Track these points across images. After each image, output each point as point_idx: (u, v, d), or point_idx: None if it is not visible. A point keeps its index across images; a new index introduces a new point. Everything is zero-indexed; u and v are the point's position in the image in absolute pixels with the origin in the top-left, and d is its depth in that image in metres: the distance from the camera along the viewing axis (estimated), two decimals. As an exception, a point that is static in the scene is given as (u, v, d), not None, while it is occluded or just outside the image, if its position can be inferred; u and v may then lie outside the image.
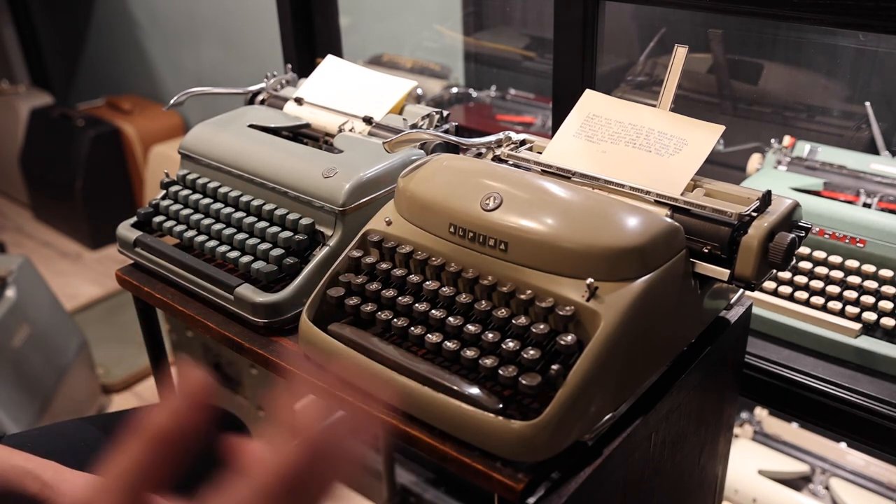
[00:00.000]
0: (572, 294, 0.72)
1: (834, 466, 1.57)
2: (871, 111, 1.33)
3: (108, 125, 2.98)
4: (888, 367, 1.00)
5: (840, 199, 1.20)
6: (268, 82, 1.21)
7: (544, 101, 1.92)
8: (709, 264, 0.79)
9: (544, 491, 0.68)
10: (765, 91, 1.55)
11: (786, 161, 1.30)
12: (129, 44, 3.22)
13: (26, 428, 1.78)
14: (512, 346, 0.71)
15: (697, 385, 0.87)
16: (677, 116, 0.88)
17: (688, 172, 0.83)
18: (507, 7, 2.06)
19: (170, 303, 0.99)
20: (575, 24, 1.13)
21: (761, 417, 1.67)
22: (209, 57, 2.90)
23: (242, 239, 0.97)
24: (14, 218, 3.33)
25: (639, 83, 1.67)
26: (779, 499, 1.52)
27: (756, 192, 0.81)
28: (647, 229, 0.74)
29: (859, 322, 1.03)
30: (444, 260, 0.79)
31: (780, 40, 1.51)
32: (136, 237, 1.04)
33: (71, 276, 2.88)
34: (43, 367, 1.96)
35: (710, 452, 0.99)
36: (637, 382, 0.78)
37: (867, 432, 1.00)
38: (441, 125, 1.06)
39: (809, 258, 1.11)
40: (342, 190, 0.92)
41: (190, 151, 1.09)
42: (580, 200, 0.78)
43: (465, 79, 2.08)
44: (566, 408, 0.67)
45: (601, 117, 0.91)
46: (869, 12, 0.89)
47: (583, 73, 1.16)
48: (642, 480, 0.82)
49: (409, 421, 0.74)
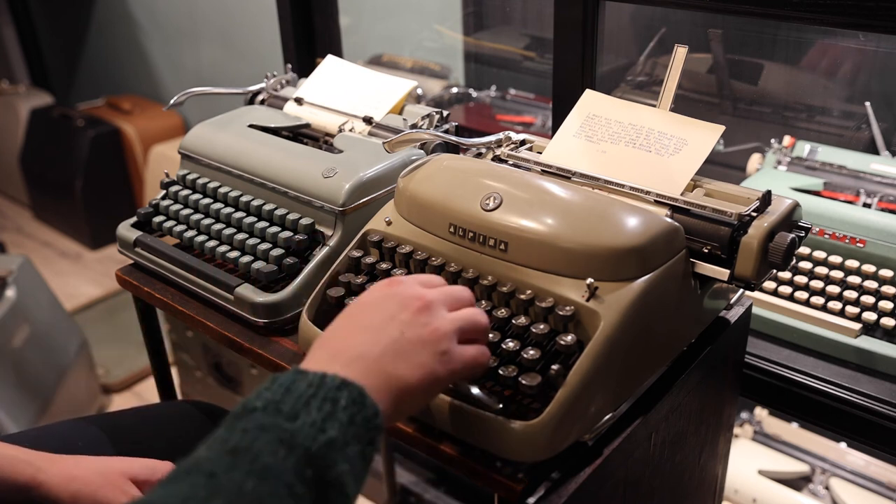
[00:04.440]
0: (572, 294, 0.72)
1: (834, 466, 1.57)
2: (871, 111, 1.33)
3: (108, 125, 2.98)
4: (888, 367, 1.00)
5: (840, 199, 1.20)
6: (268, 82, 1.21)
7: (544, 101, 1.92)
8: (709, 264, 0.79)
9: (544, 491, 0.68)
10: (765, 91, 1.55)
11: (786, 161, 1.30)
12: (129, 44, 3.22)
13: (26, 428, 1.78)
14: (512, 346, 0.71)
15: (697, 385, 0.87)
16: (677, 116, 0.88)
17: (688, 172, 0.83)
18: (507, 7, 2.06)
19: (170, 303, 0.99)
20: (575, 24, 1.13)
21: (761, 417, 1.67)
22: (209, 57, 2.90)
23: (242, 239, 0.97)
24: (14, 218, 3.33)
25: (639, 83, 1.67)
26: (779, 499, 1.52)
27: (756, 192, 0.81)
28: (647, 229, 0.74)
29: (859, 322, 1.03)
30: (444, 260, 0.79)
31: (780, 40, 1.51)
32: (136, 237, 1.04)
33: (71, 276, 2.88)
34: (43, 367, 1.96)
35: (710, 452, 0.99)
36: (637, 382, 0.78)
37: (867, 432, 1.00)
38: (441, 125, 1.06)
39: (809, 258, 1.10)
40: (342, 190, 0.92)
41: (190, 151, 1.09)
42: (580, 200, 0.78)
43: (465, 79, 2.08)
44: (566, 408, 0.67)
45: (601, 117, 0.91)
46: (869, 12, 0.89)
47: (583, 73, 1.16)
48: (642, 480, 0.82)
49: (409, 421, 0.74)
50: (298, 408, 0.50)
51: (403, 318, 0.60)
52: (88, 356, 2.16)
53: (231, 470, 0.46)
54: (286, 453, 0.48)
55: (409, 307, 0.61)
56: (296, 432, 0.49)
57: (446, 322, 0.62)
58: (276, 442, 0.48)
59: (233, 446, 0.48)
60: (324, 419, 0.50)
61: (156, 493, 0.46)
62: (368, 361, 0.57)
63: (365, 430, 0.52)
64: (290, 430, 0.49)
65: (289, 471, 0.47)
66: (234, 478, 0.46)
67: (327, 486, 0.49)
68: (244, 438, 0.48)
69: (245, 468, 0.46)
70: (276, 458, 0.47)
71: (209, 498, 0.44)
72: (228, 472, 0.46)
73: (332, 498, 0.49)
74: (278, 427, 0.49)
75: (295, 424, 0.49)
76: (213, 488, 0.45)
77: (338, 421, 0.51)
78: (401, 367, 0.58)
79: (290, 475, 0.47)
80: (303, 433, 0.49)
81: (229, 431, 0.49)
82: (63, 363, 2.03)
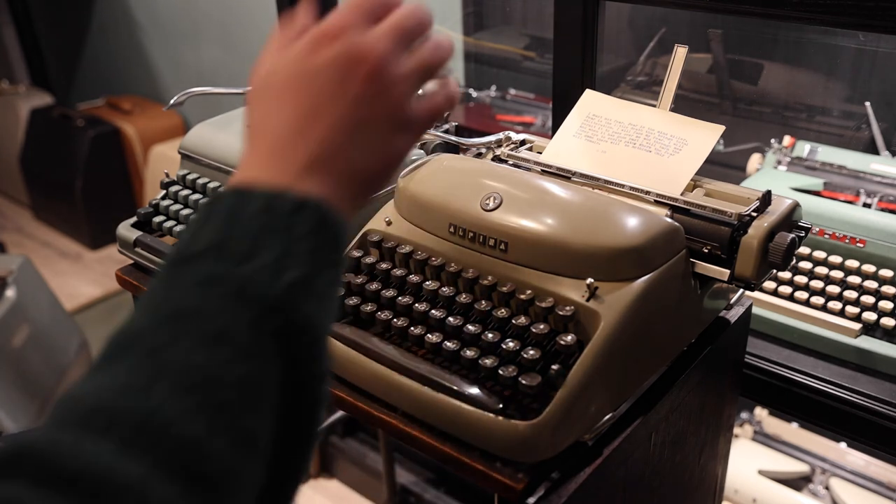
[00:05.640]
0: (572, 294, 0.72)
1: (834, 466, 1.57)
2: (871, 111, 1.33)
3: (108, 125, 2.98)
4: (888, 367, 1.00)
5: (840, 199, 1.20)
6: (268, 82, 1.20)
7: (544, 101, 1.92)
8: (709, 264, 0.79)
9: (544, 491, 0.68)
10: (765, 91, 1.55)
11: (786, 161, 1.30)
12: (129, 44, 3.22)
13: (26, 428, 1.77)
14: (512, 346, 0.71)
15: (697, 385, 0.87)
16: (677, 116, 0.88)
17: (688, 172, 0.83)
18: (507, 7, 2.06)
19: (170, 303, 0.99)
20: (575, 24, 1.13)
21: (761, 417, 1.67)
22: (209, 57, 2.90)
23: (242, 239, 0.96)
24: (14, 218, 3.33)
25: (639, 83, 1.67)
26: (779, 499, 1.52)
27: (756, 192, 0.81)
28: (647, 229, 0.74)
29: (859, 322, 1.03)
30: (444, 260, 0.79)
31: (780, 40, 1.51)
32: (136, 237, 1.04)
33: (71, 276, 2.88)
34: (43, 367, 1.96)
35: (710, 452, 0.99)
36: (637, 382, 0.78)
37: (867, 432, 1.00)
38: (441, 125, 1.06)
39: (809, 258, 1.10)
40: (342, 190, 0.92)
41: (190, 151, 1.08)
42: (580, 200, 0.78)
43: (465, 79, 2.08)
44: (566, 408, 0.67)
45: (601, 117, 0.91)
46: (869, 12, 0.89)
47: (583, 73, 1.16)
48: (642, 480, 0.82)
49: (409, 421, 0.74)
50: (246, 247, 0.41)
51: (351, 92, 0.47)
52: (88, 356, 2.16)
53: (174, 342, 0.38)
54: (239, 308, 0.39)
55: (355, 73, 0.47)
56: (248, 280, 0.40)
57: (402, 78, 0.49)
58: (226, 296, 0.39)
59: (173, 309, 0.39)
60: (280, 256, 0.41)
61: (88, 383, 0.38)
62: (322, 161, 0.46)
63: (330, 253, 0.43)
64: (241, 278, 0.40)
65: (244, 331, 0.39)
66: (180, 351, 0.38)
67: (296, 335, 0.41)
68: (187, 297, 0.40)
69: (193, 337, 0.39)
70: (227, 316, 0.39)
71: (151, 382, 0.37)
72: (172, 346, 0.38)
73: (303, 345, 0.41)
74: (226, 278, 0.40)
75: (244, 269, 0.40)
76: (155, 369, 0.37)
77: (298, 254, 0.42)
78: (359, 158, 0.47)
79: (246, 333, 0.39)
80: (257, 280, 0.40)
81: (167, 289, 0.41)
82: (63, 363, 2.03)
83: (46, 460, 0.33)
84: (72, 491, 0.32)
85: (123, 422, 0.35)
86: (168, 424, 0.36)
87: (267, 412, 0.40)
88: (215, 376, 0.38)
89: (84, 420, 0.35)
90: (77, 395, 0.37)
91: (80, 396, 0.37)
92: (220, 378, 0.38)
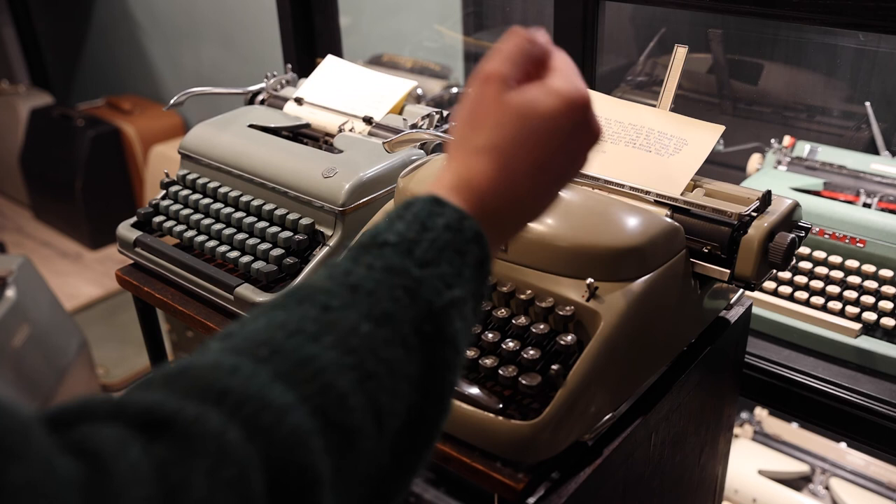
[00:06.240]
0: (572, 294, 0.72)
1: (834, 466, 1.57)
2: (871, 111, 1.33)
3: (108, 125, 2.98)
4: (888, 367, 1.00)
5: (840, 199, 1.20)
6: (268, 82, 1.21)
7: (544, 101, 1.92)
8: (709, 264, 0.79)
9: (544, 491, 0.68)
10: (765, 91, 1.55)
11: (786, 161, 1.30)
12: (129, 44, 3.22)
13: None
14: (512, 346, 0.71)
15: (697, 385, 0.87)
16: (677, 116, 0.88)
17: (688, 172, 0.83)
18: (507, 7, 2.06)
19: (170, 303, 0.99)
20: (575, 24, 1.13)
21: (761, 417, 1.67)
22: (209, 57, 2.90)
23: (242, 239, 0.97)
24: (14, 218, 3.33)
25: (639, 83, 1.67)
26: (779, 499, 1.52)
27: (756, 192, 0.81)
28: (647, 229, 0.74)
29: (859, 322, 1.03)
30: (444, 260, 0.79)
31: (780, 40, 1.51)
32: (136, 237, 1.04)
33: (71, 276, 2.88)
34: (43, 367, 1.96)
35: (710, 452, 0.99)
36: (637, 382, 0.78)
37: (867, 432, 1.00)
38: (441, 125, 1.06)
39: (809, 258, 1.10)
40: (342, 190, 0.92)
41: (190, 151, 1.08)
42: (580, 200, 0.78)
43: (465, 79, 2.08)
44: (566, 408, 0.67)
45: (601, 117, 0.91)
46: (869, 12, 0.89)
47: (583, 73, 1.16)
48: (642, 480, 0.82)
49: (409, 421, 0.74)
50: (431, 255, 0.46)
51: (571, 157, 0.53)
52: (88, 356, 2.16)
53: (349, 307, 0.43)
54: (409, 302, 0.44)
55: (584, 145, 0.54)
56: (422, 283, 0.45)
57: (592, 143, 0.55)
58: (402, 289, 0.44)
59: (355, 282, 0.44)
60: (453, 274, 0.46)
61: (258, 320, 0.42)
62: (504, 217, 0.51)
63: (481, 286, 0.49)
64: (418, 278, 0.45)
65: (407, 321, 0.44)
66: (351, 316, 0.43)
67: (442, 344, 0.45)
68: (369, 278, 0.44)
69: (364, 309, 0.43)
70: (397, 305, 0.44)
71: (320, 333, 0.41)
72: (345, 310, 0.43)
73: (446, 356, 0.46)
74: (406, 273, 0.45)
75: (423, 273, 0.45)
76: (326, 323, 0.42)
77: (464, 278, 0.47)
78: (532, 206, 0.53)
79: (408, 326, 0.44)
80: (429, 286, 0.45)
81: (354, 263, 0.46)
82: (63, 363, 2.03)
83: (204, 376, 0.38)
84: (222, 402, 0.36)
85: (286, 356, 0.40)
86: (323, 370, 0.40)
87: (402, 398, 0.44)
88: (373, 348, 0.42)
89: (250, 349, 0.40)
90: (250, 328, 0.42)
91: (254, 330, 0.42)
92: (377, 352, 0.42)
